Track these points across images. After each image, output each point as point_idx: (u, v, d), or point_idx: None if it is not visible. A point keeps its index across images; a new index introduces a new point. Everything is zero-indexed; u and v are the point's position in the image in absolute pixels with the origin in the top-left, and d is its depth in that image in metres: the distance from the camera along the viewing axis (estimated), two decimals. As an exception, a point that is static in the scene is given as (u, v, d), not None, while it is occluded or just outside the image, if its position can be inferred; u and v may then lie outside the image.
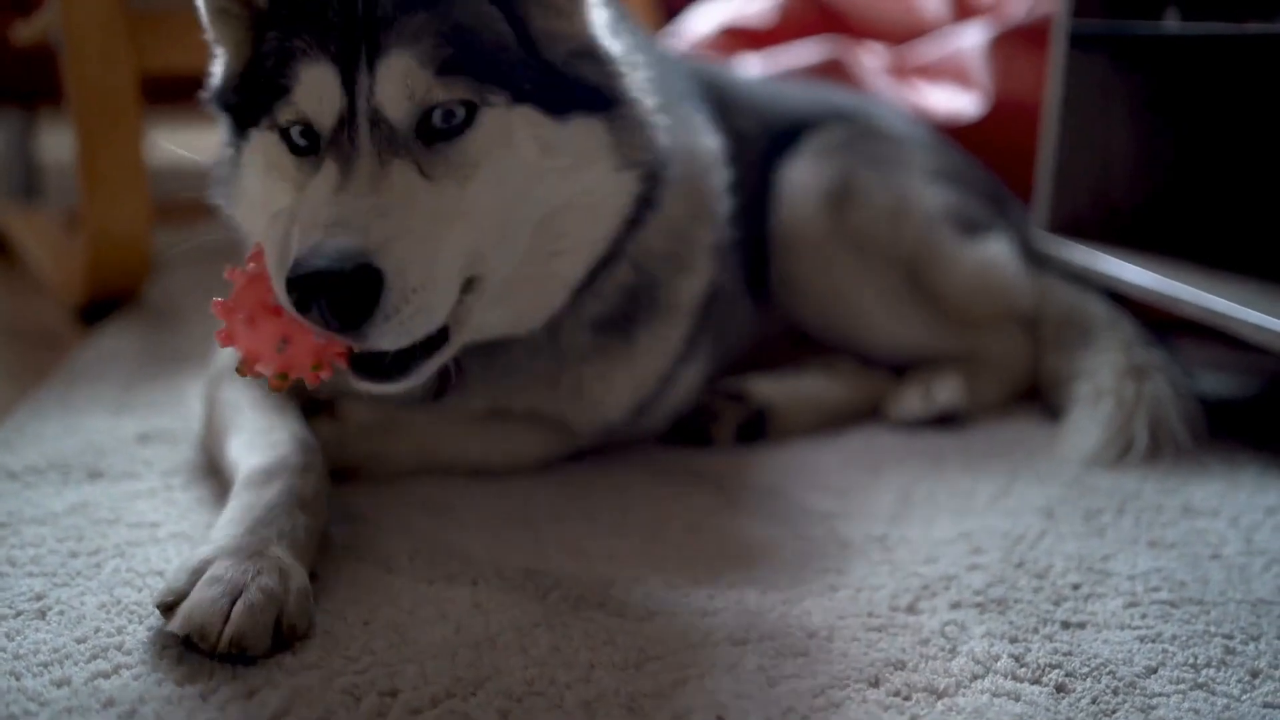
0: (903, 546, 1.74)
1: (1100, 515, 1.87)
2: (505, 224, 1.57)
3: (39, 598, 1.47)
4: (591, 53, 1.66)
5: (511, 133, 1.55)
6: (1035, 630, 1.50)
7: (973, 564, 1.68)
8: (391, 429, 1.85)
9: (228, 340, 1.45)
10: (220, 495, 1.79)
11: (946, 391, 2.28)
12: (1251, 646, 1.47)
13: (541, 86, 1.57)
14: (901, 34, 3.70)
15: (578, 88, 1.63)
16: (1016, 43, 3.21)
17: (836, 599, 1.57)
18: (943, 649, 1.45)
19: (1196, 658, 1.44)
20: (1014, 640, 1.47)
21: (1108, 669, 1.40)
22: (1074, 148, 2.59)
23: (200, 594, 1.33)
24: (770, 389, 2.18)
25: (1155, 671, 1.41)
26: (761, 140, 2.37)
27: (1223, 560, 1.72)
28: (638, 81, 1.72)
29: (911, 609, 1.55)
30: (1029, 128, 2.93)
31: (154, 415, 2.14)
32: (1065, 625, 1.51)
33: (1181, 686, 1.38)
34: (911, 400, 2.29)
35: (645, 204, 1.74)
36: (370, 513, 1.76)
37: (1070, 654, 1.43)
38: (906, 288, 2.39)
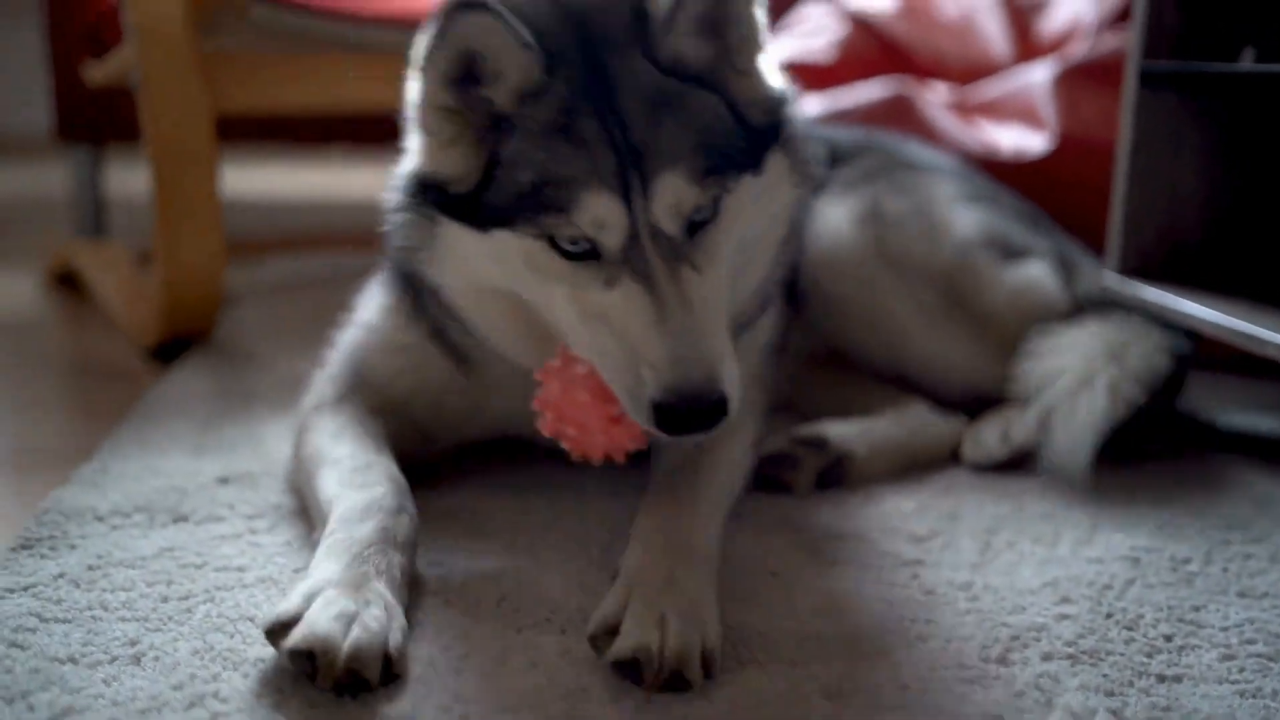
0: (988, 595, 1.72)
1: (1188, 563, 1.85)
2: (731, 276, 1.72)
3: (133, 643, 1.49)
4: (772, 100, 1.77)
5: (741, 203, 1.68)
6: (1131, 684, 1.48)
7: (1061, 613, 1.66)
8: None
9: (556, 432, 1.65)
10: (305, 540, 1.81)
11: (1024, 430, 2.26)
12: (1352, 702, 1.45)
13: (750, 151, 1.70)
14: (965, 72, 3.70)
15: (767, 134, 1.74)
16: (1081, 79, 3.21)
17: (927, 650, 1.55)
18: (1038, 702, 1.43)
19: (1298, 714, 1.42)
20: (1110, 694, 1.45)
21: (1208, 725, 1.39)
22: (1145, 189, 2.57)
23: (318, 613, 1.39)
24: (850, 435, 2.16)
25: (1257, 728, 1.39)
26: None
27: (1318, 611, 1.70)
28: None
29: (1003, 660, 1.54)
30: (1095, 165, 2.92)
31: (233, 457, 2.15)
32: (1161, 679, 1.50)
33: (1284, 743, 1.36)
34: (989, 440, 2.28)
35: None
36: (455, 557, 1.76)
37: (1169, 709, 1.42)
38: (944, 305, 2.40)
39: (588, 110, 1.59)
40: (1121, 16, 3.33)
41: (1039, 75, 3.28)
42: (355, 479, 1.73)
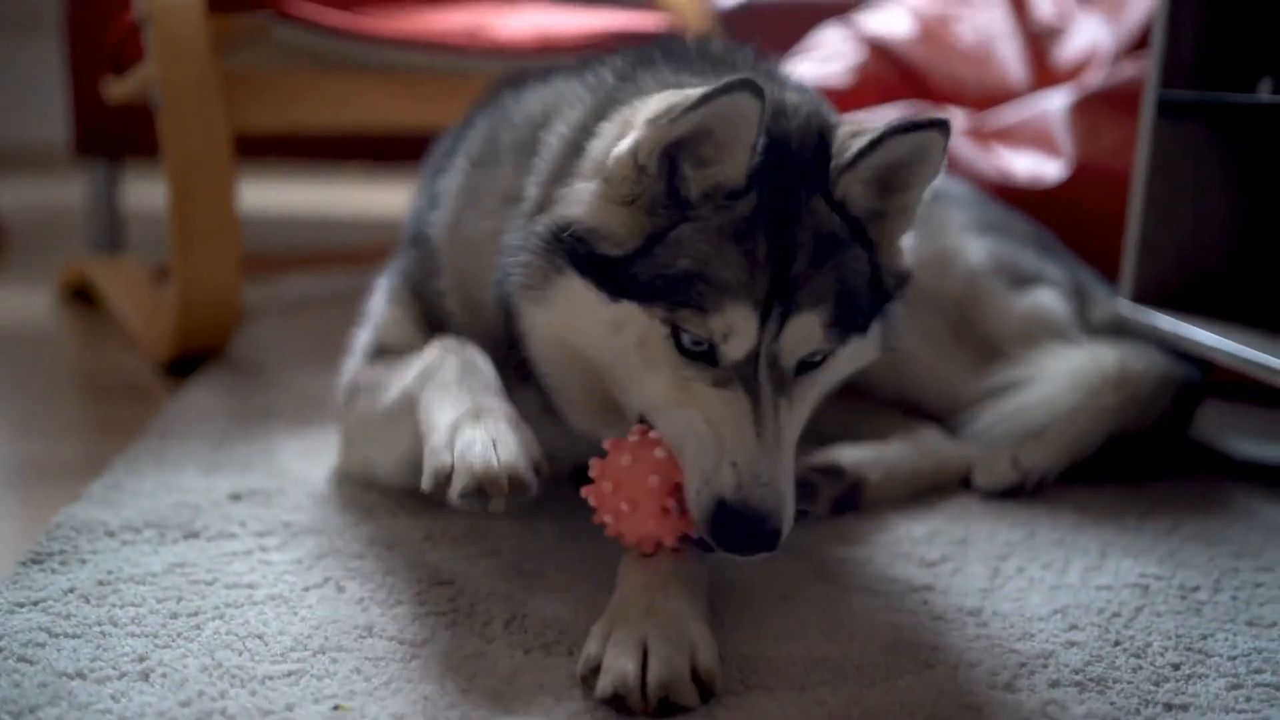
0: (997, 621, 1.72)
1: (1197, 591, 1.84)
2: None
3: (142, 659, 1.50)
4: (902, 275, 1.80)
5: (843, 360, 1.73)
6: (1137, 712, 1.48)
7: (1069, 641, 1.66)
8: None
9: (604, 504, 1.63)
10: (318, 557, 1.82)
11: (1034, 457, 2.27)
12: (1361, 734, 1.44)
13: (870, 313, 1.73)
14: (982, 99, 3.71)
15: (885, 304, 1.78)
16: (1098, 107, 3.21)
17: (934, 675, 1.56)
18: (1045, 730, 1.43)
19: (1306, 745, 1.42)
20: (1117, 723, 1.45)
21: (1215, 755, 1.39)
22: (1161, 217, 2.57)
23: (468, 455, 1.58)
24: (864, 461, 2.17)
25: (1264, 759, 1.39)
26: None
27: (1326, 642, 1.69)
28: None
29: (1010, 687, 1.54)
30: (1111, 192, 2.92)
31: (246, 474, 2.16)
32: (1168, 707, 1.50)
33: (1292, 775, 1.36)
34: (1000, 466, 2.28)
35: None
36: (463, 579, 1.77)
37: (1176, 739, 1.42)
38: (953, 333, 2.42)
39: (765, 230, 1.59)
40: (1139, 45, 3.34)
41: (1056, 102, 3.29)
42: (413, 362, 1.90)
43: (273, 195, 6.08)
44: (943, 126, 1.62)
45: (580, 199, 1.66)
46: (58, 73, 4.45)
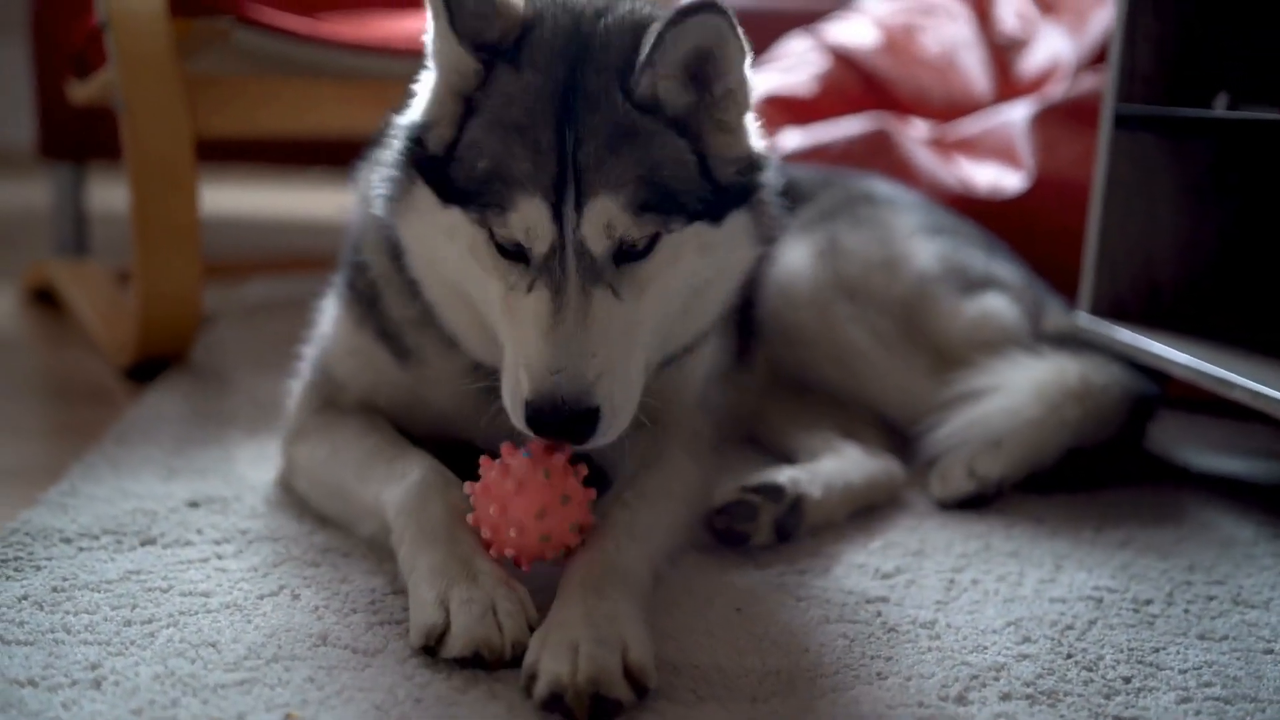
0: (950, 634, 1.73)
1: (1150, 605, 1.86)
2: (669, 315, 1.78)
3: (94, 667, 1.49)
4: (748, 160, 1.80)
5: (682, 247, 1.72)
6: (1087, 724, 1.49)
7: (1022, 653, 1.68)
8: None
9: (477, 520, 1.68)
10: (274, 564, 1.82)
11: (990, 465, 2.28)
12: (1306, 747, 1.46)
13: (710, 203, 1.73)
14: (946, 109, 3.73)
15: (735, 192, 1.78)
16: (1059, 119, 3.23)
17: (885, 687, 1.56)
18: (994, 742, 1.44)
19: (1251, 758, 1.43)
20: (1066, 735, 1.46)
21: (1161, 767, 1.40)
22: (1118, 230, 2.59)
23: (464, 618, 1.53)
24: (800, 479, 2.11)
25: (1209, 771, 1.40)
26: None
27: (1277, 655, 1.71)
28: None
29: (961, 699, 1.55)
30: (1070, 204, 2.94)
31: (204, 481, 2.16)
32: (1117, 720, 1.51)
33: (1236, 787, 1.37)
34: (955, 475, 2.29)
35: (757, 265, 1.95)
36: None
37: (1123, 751, 1.43)
38: (902, 335, 2.44)
39: (548, 119, 1.65)
40: (1100, 57, 3.36)
41: (1017, 114, 3.31)
42: (392, 470, 1.85)
43: (233, 199, 6.05)
44: (716, 9, 1.65)
45: (423, 94, 1.78)
46: (23, 75, 4.42)
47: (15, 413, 2.73)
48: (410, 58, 3.12)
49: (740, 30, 1.69)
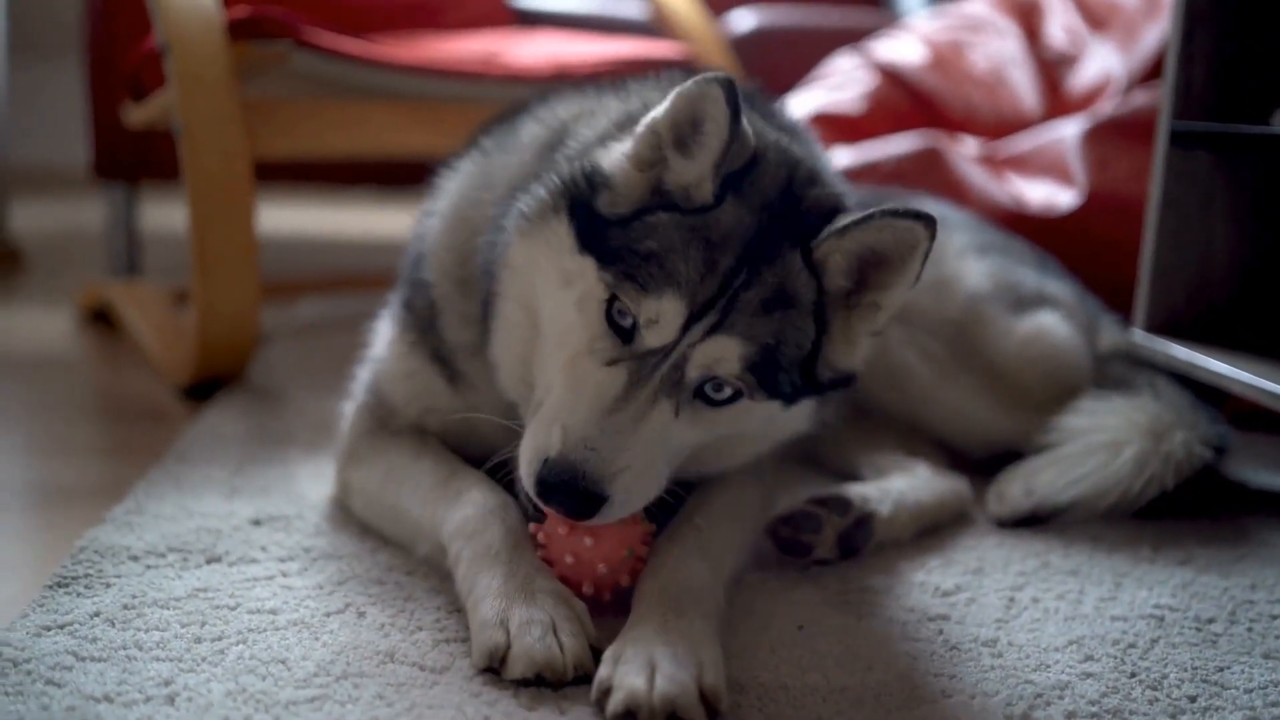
0: (1012, 652, 1.74)
1: (1212, 624, 1.85)
2: (709, 446, 1.80)
3: (167, 683, 1.51)
4: (845, 375, 1.82)
5: (752, 411, 1.74)
6: (1154, 744, 1.49)
7: (1085, 672, 1.67)
8: None
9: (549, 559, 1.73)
10: (339, 582, 1.83)
11: (1045, 483, 2.27)
12: (1376, 767, 1.45)
13: (795, 391, 1.75)
14: (996, 126, 3.73)
15: (815, 390, 1.80)
16: (1111, 136, 3.23)
17: (951, 705, 1.57)
18: (1062, 761, 1.44)
19: (1322, 778, 1.42)
20: (1134, 754, 1.46)
21: (1231, 787, 1.40)
22: (1173, 246, 2.59)
23: (523, 637, 1.55)
24: (870, 495, 2.12)
25: (1280, 791, 1.40)
26: None
27: (1341, 675, 1.70)
28: None
29: (1026, 718, 1.55)
30: (1123, 221, 2.94)
31: (266, 499, 2.18)
32: (1184, 739, 1.51)
33: (1308, 808, 1.37)
34: (1013, 494, 2.28)
35: None
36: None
37: (1193, 771, 1.43)
38: (954, 356, 2.43)
39: (735, 249, 1.67)
40: (1150, 74, 3.36)
41: (1069, 130, 3.31)
42: (447, 491, 1.87)
43: (286, 218, 6.11)
44: (929, 221, 1.67)
45: (610, 152, 1.78)
46: (78, 96, 4.48)
47: (75, 432, 2.77)
48: (464, 79, 3.20)
49: (925, 262, 1.71)
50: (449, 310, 2.02)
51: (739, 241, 1.67)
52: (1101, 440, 2.25)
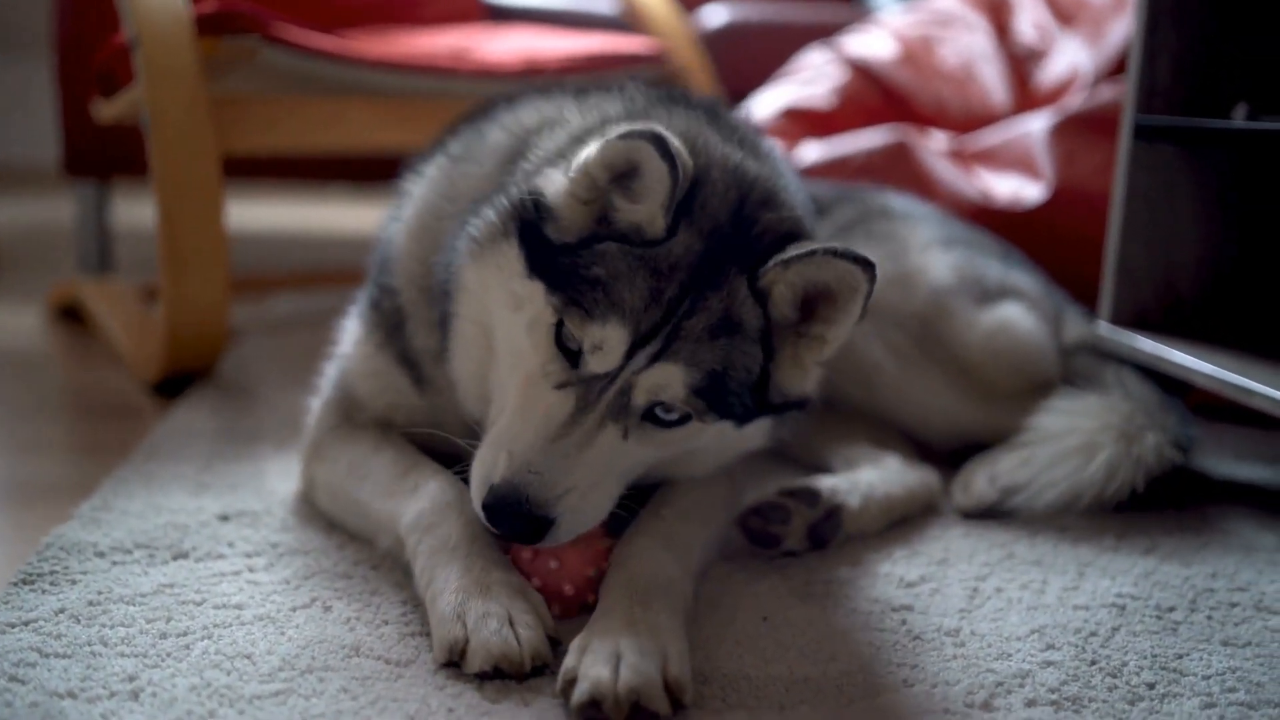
0: (974, 641, 1.75)
1: (1172, 612, 1.87)
2: (663, 462, 1.83)
3: (131, 678, 1.51)
4: (798, 399, 1.84)
5: (703, 432, 1.77)
6: (1112, 731, 1.51)
7: (1046, 660, 1.69)
8: None
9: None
10: (305, 577, 1.84)
11: (1009, 471, 2.29)
12: (1331, 752, 1.47)
13: (746, 412, 1.77)
14: (965, 121, 3.75)
15: (768, 411, 1.82)
16: (1078, 130, 3.25)
17: (912, 694, 1.58)
18: (1020, 748, 1.46)
19: (1276, 763, 1.44)
20: (1091, 741, 1.48)
21: (1187, 773, 1.41)
22: (1138, 240, 2.60)
23: (483, 632, 1.56)
24: (839, 488, 2.13)
25: (1235, 776, 1.41)
26: None
27: (1299, 661, 1.72)
28: None
29: (987, 706, 1.56)
30: (1091, 214, 2.96)
31: (234, 495, 2.18)
32: (1142, 726, 1.52)
33: (1262, 792, 1.39)
34: (978, 484, 2.30)
35: None
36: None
37: (1149, 757, 1.44)
38: (919, 349, 2.44)
39: (679, 277, 1.68)
40: (1119, 68, 3.38)
41: (1036, 125, 3.33)
42: (405, 485, 1.89)
43: (258, 214, 6.10)
44: (867, 265, 1.68)
45: (553, 180, 1.78)
46: (47, 93, 4.46)
47: (45, 430, 2.76)
48: (435, 74, 3.20)
49: (868, 302, 1.73)
50: (416, 317, 2.03)
51: (685, 268, 1.68)
52: (1075, 444, 2.26)
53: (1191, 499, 2.37)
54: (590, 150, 1.71)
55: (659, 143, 1.64)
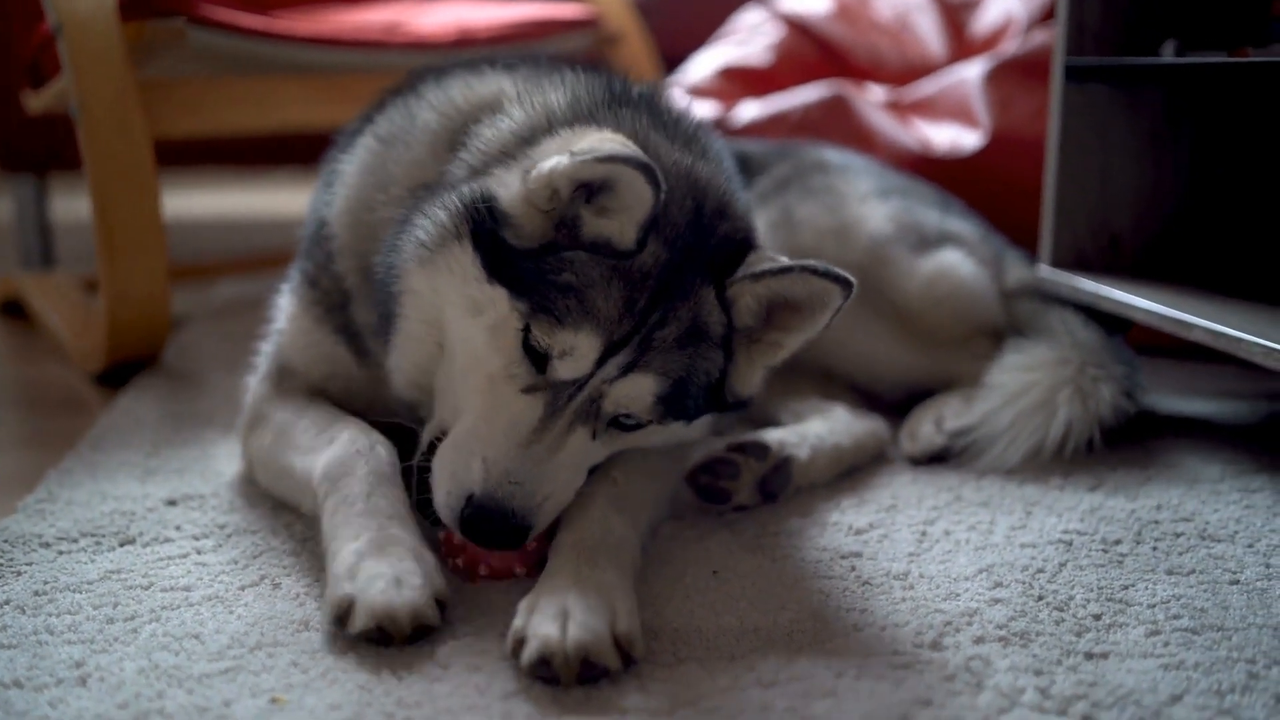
0: (923, 583, 1.76)
1: (1118, 545, 1.89)
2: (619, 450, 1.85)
3: (79, 665, 1.50)
4: (746, 399, 1.87)
5: (659, 432, 1.82)
6: (1059, 662, 1.52)
7: (994, 598, 1.71)
8: None
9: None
10: (253, 556, 1.83)
11: (954, 413, 2.31)
12: (1275, 671, 1.50)
13: (698, 411, 1.81)
14: (903, 73, 3.75)
15: (717, 408, 1.86)
16: (1012, 75, 3.26)
17: (862, 638, 1.59)
18: (969, 684, 1.47)
19: (1220, 684, 1.46)
20: (1039, 673, 1.49)
21: (1133, 698, 1.43)
22: (1076, 182, 2.62)
23: (369, 592, 1.54)
24: (789, 440, 2.14)
25: (1180, 699, 1.43)
26: None
27: (1242, 585, 1.75)
28: None
29: (936, 645, 1.57)
30: (1028, 159, 2.97)
31: (181, 480, 2.17)
32: (1089, 656, 1.54)
33: (1206, 713, 1.41)
34: (925, 431, 2.32)
35: None
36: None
37: (1095, 684, 1.46)
38: (859, 298, 2.42)
39: (649, 288, 1.68)
40: (1051, 13, 3.39)
41: (971, 72, 3.34)
42: (320, 440, 1.88)
43: (200, 202, 6.04)
44: (845, 284, 1.71)
45: (507, 185, 1.73)
46: (-23, 89, 4.40)
47: (-10, 425, 2.74)
48: (367, 48, 3.18)
49: (837, 316, 1.76)
50: (361, 297, 2.01)
51: (655, 278, 1.68)
52: (1033, 402, 2.28)
53: (1133, 433, 2.39)
54: (556, 163, 1.65)
55: (646, 171, 1.60)
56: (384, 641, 1.52)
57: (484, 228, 1.71)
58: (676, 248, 1.70)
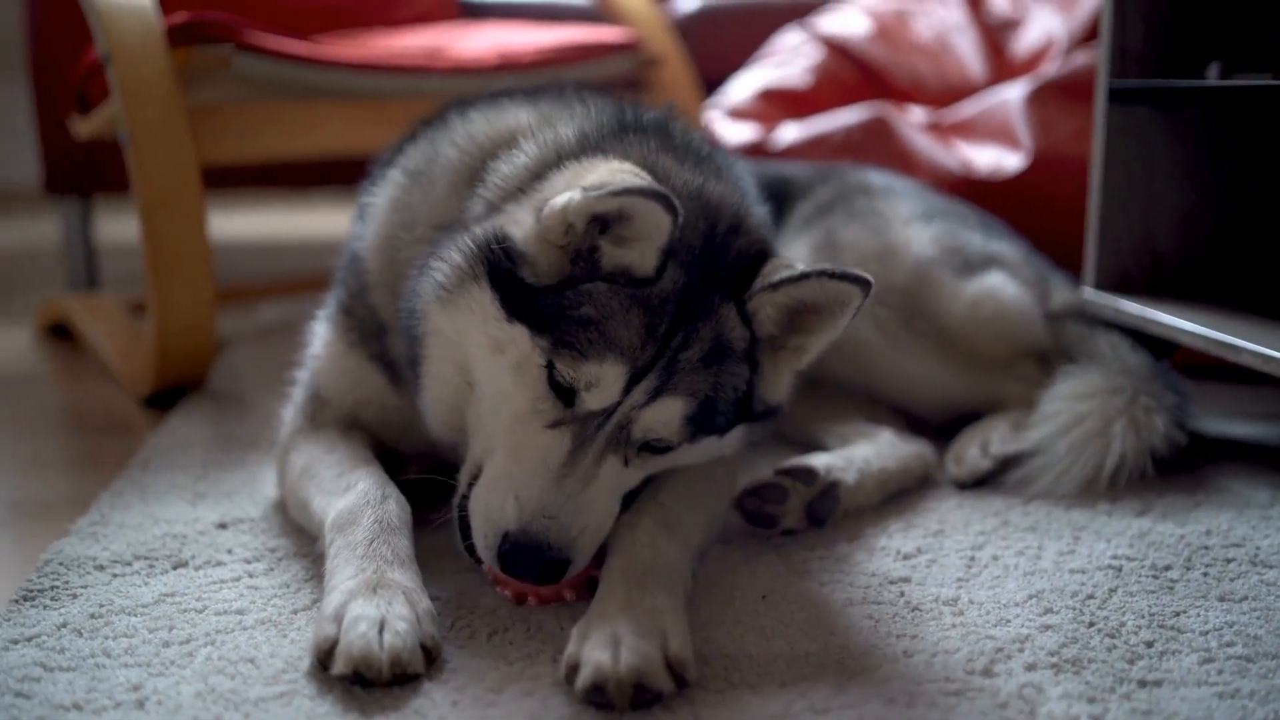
0: (973, 609, 1.76)
1: (1168, 570, 1.88)
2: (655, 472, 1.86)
3: (136, 688, 1.52)
4: (775, 406, 1.89)
5: (691, 449, 1.80)
6: (1112, 690, 1.52)
7: (1044, 624, 1.70)
8: None
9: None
10: (302, 581, 1.84)
11: (1000, 438, 2.31)
12: (1329, 700, 1.48)
13: (729, 424, 1.82)
14: (943, 94, 3.75)
15: (749, 419, 1.87)
16: (1054, 97, 3.26)
17: (912, 665, 1.59)
18: (1022, 712, 1.47)
19: (1276, 714, 1.45)
20: (1092, 700, 1.49)
21: (1187, 727, 1.43)
22: (1119, 204, 2.62)
23: (350, 634, 1.52)
24: (834, 465, 2.14)
25: (1235, 728, 1.43)
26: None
27: (1294, 612, 1.74)
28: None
29: (987, 672, 1.57)
30: (1070, 180, 2.97)
31: (231, 503, 2.19)
32: (1142, 684, 1.53)
33: (1262, 743, 1.40)
34: (970, 455, 2.32)
35: None
36: (446, 595, 1.79)
37: (1150, 713, 1.46)
38: (903, 322, 2.46)
39: (669, 312, 1.69)
40: (1092, 34, 3.39)
41: (1013, 94, 3.34)
42: (339, 485, 1.89)
43: (243, 224, 6.09)
44: (864, 284, 1.71)
45: (520, 223, 1.75)
46: (25, 113, 4.46)
47: (40, 447, 2.77)
48: (409, 73, 3.20)
49: (857, 315, 1.77)
50: (395, 328, 2.02)
51: (674, 301, 1.69)
52: (1087, 433, 2.26)
53: (1183, 458, 2.38)
54: (569, 199, 1.66)
55: (662, 199, 1.61)
56: (364, 685, 1.51)
57: (500, 267, 1.72)
58: (693, 269, 1.72)
